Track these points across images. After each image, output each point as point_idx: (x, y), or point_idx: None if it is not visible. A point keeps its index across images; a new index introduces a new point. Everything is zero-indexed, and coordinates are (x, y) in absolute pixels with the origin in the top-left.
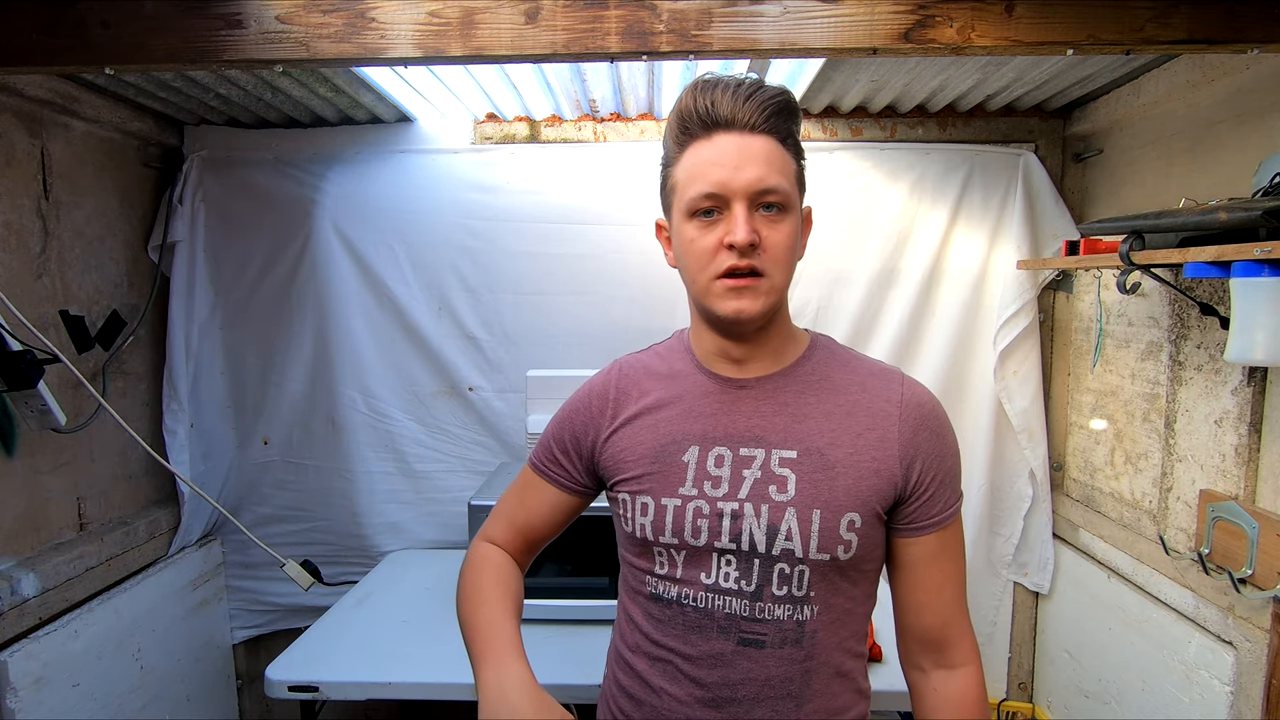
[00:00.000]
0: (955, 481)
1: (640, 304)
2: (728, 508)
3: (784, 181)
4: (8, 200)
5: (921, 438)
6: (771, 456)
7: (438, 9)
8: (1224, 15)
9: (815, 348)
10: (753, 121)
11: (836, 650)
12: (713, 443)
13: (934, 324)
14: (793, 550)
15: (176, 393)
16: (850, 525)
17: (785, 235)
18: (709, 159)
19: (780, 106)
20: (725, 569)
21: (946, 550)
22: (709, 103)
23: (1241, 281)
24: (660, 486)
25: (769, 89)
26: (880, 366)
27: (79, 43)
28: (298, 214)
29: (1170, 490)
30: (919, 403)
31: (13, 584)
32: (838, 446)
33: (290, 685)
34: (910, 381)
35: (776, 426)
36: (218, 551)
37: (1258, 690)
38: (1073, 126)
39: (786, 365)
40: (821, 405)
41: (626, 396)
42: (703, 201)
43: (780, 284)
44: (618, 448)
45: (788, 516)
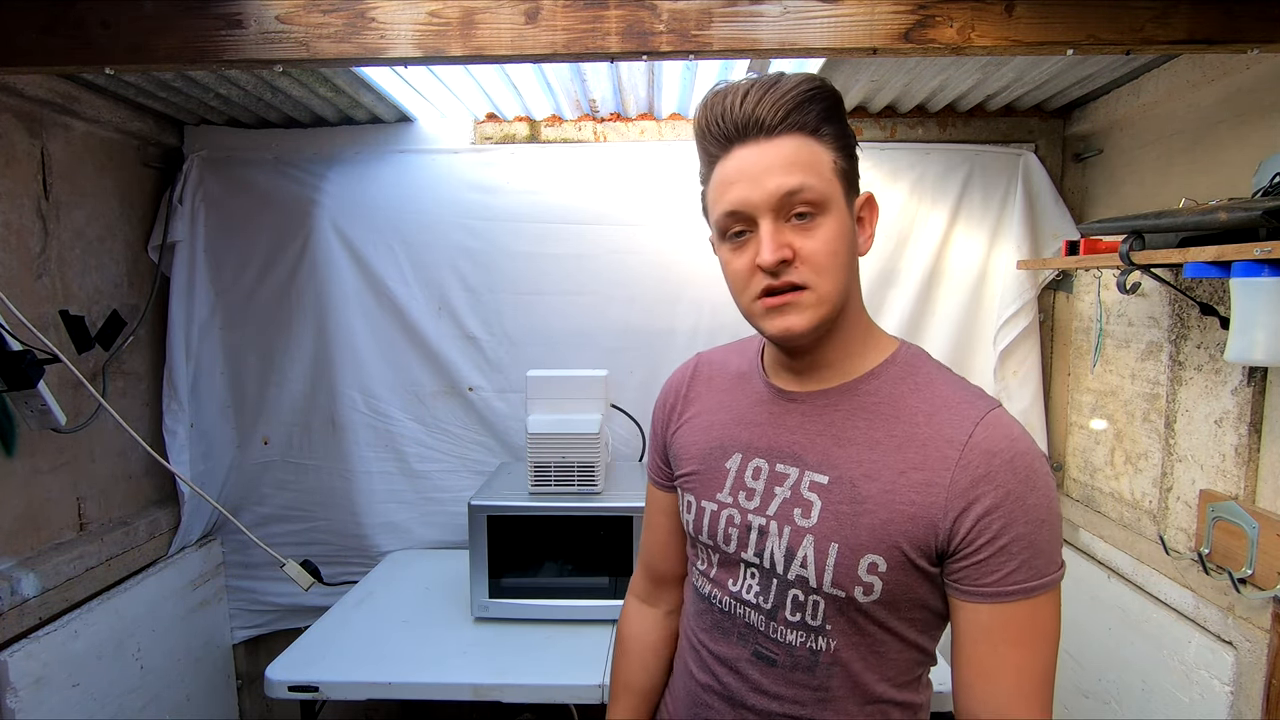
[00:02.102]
0: (1033, 555)
1: (640, 304)
2: (756, 521)
3: (812, 179)
4: (8, 200)
5: (983, 489)
6: (804, 478)
7: (438, 9)
8: (1224, 15)
9: (892, 363)
10: (769, 123)
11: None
12: (754, 453)
13: (934, 324)
14: (806, 579)
15: (176, 393)
16: (872, 568)
17: (825, 240)
18: (729, 177)
19: (802, 98)
20: (749, 580)
21: (1007, 632)
22: (719, 116)
23: (1241, 281)
24: (703, 488)
25: (786, 81)
26: (964, 398)
27: (79, 43)
28: (298, 214)
29: (1170, 490)
30: (991, 449)
31: (13, 584)
32: (874, 480)
33: (290, 685)
34: (994, 421)
35: (816, 447)
36: (218, 551)
37: (1258, 690)
38: (1073, 126)
39: (847, 381)
40: (871, 432)
41: (695, 392)
42: (728, 222)
43: (829, 292)
44: (680, 443)
45: (805, 543)
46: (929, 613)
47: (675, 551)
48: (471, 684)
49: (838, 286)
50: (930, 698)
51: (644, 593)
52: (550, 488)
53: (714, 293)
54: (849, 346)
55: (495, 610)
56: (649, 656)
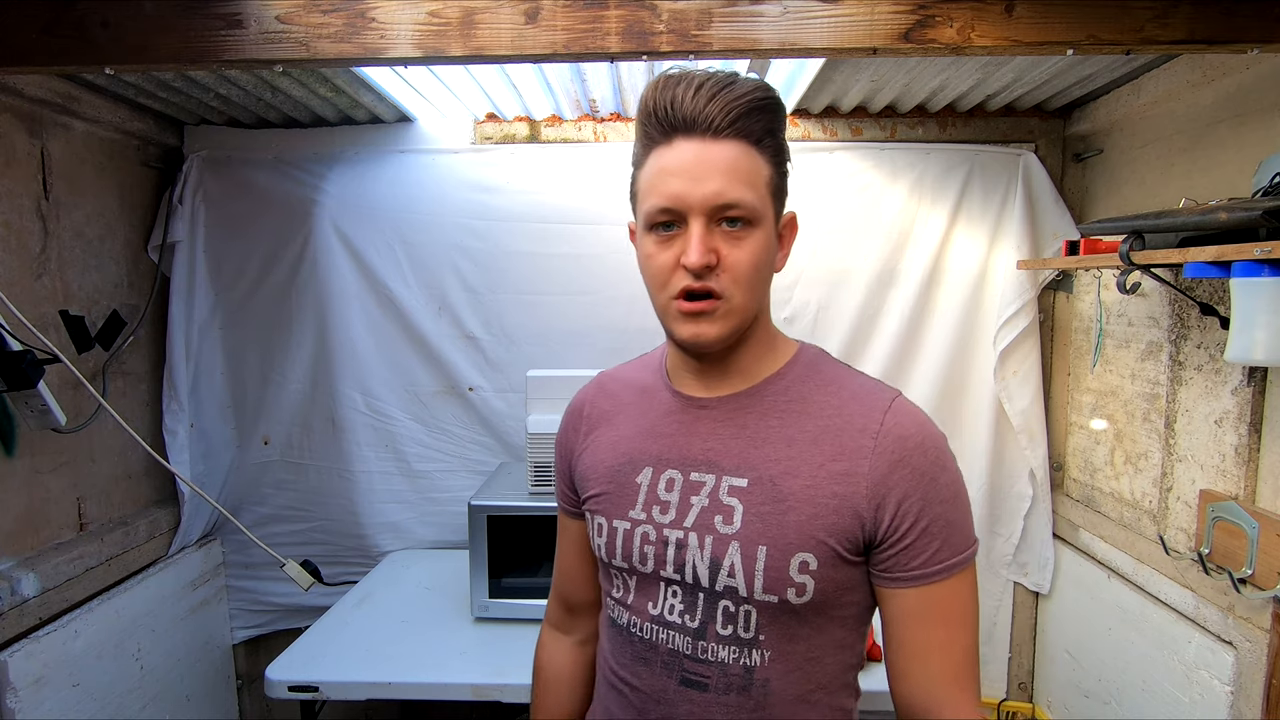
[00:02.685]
0: (950, 533)
1: (640, 304)
2: (673, 535)
3: (749, 194)
4: (8, 200)
5: (899, 475)
6: (721, 484)
7: (438, 9)
8: (1224, 15)
9: (796, 363)
10: (717, 124)
11: (796, 705)
12: (666, 465)
13: (934, 324)
14: (735, 588)
15: (176, 393)
16: (803, 567)
17: (749, 253)
18: (667, 168)
19: (752, 105)
20: (671, 600)
21: (935, 611)
22: (669, 102)
23: (1241, 281)
24: (613, 507)
25: (740, 85)
26: (869, 389)
27: (79, 43)
28: (298, 214)
29: (1170, 490)
30: (900, 435)
31: (13, 584)
32: (795, 476)
33: (290, 685)
34: (900, 408)
35: (732, 451)
36: (218, 551)
37: (1258, 690)
38: (1073, 126)
39: (755, 384)
40: (785, 430)
41: (598, 411)
42: (659, 215)
43: (743, 305)
44: (586, 464)
45: (731, 551)
46: (858, 608)
47: (586, 578)
48: (471, 684)
49: (753, 300)
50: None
51: (558, 620)
52: (550, 488)
53: None
54: (756, 351)
55: (495, 610)
56: (563, 687)
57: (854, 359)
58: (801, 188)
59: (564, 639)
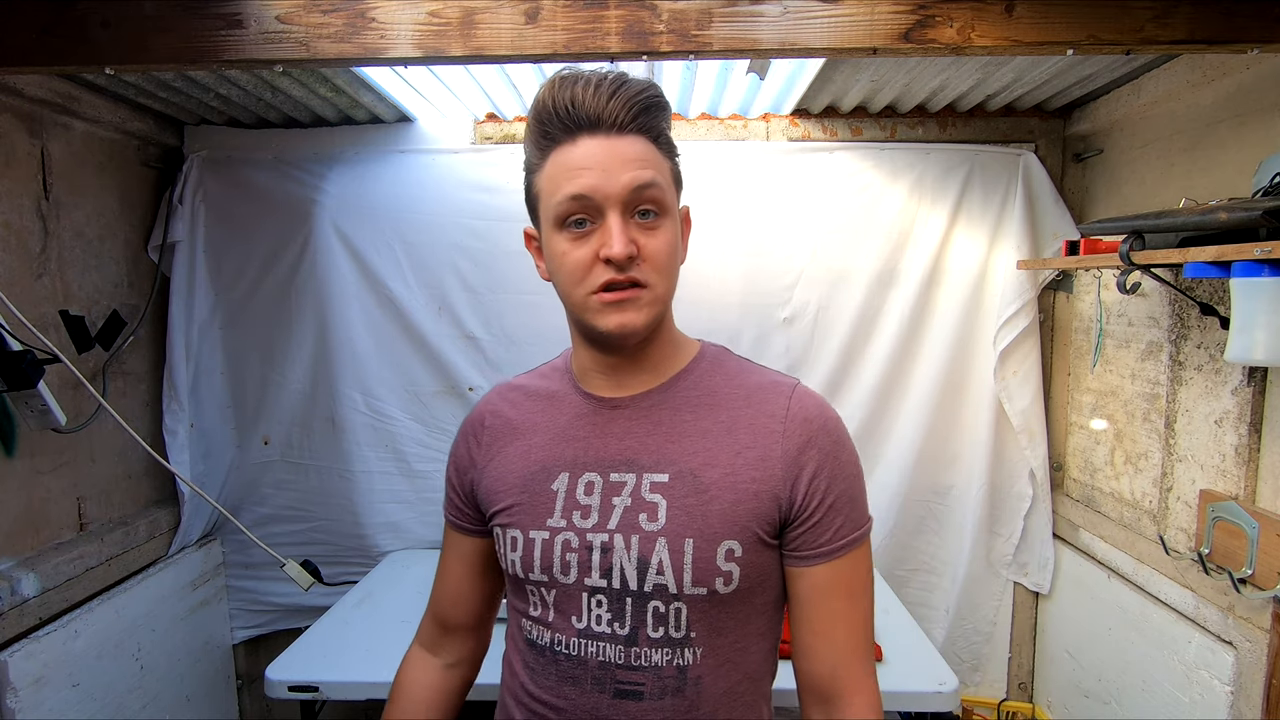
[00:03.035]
0: (851, 508)
1: None
2: (597, 539)
3: (660, 179)
4: (8, 200)
5: (808, 455)
6: (643, 481)
7: (438, 9)
8: (1224, 15)
9: (702, 359)
10: (620, 120)
11: (726, 699)
12: (583, 468)
13: (934, 324)
14: (665, 585)
15: (176, 393)
16: (729, 554)
17: (665, 242)
18: (575, 163)
19: (649, 102)
20: (597, 610)
21: (840, 585)
22: (569, 102)
23: (1241, 281)
24: (528, 518)
25: (634, 84)
26: (771, 378)
27: (79, 43)
28: (298, 214)
29: (1170, 490)
30: (806, 417)
31: (13, 584)
32: (714, 467)
33: (290, 685)
34: (802, 394)
35: (649, 448)
36: (218, 551)
37: (1258, 690)
38: (1073, 126)
39: (665, 380)
40: (699, 423)
41: (500, 422)
42: (572, 207)
43: (663, 293)
44: (493, 477)
45: (659, 547)
46: (774, 594)
47: (470, 599)
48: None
49: (670, 288)
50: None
51: (428, 640)
52: None
53: (713, 293)
54: (665, 348)
55: None
56: (421, 710)
57: (854, 359)
58: (801, 188)
59: (432, 660)
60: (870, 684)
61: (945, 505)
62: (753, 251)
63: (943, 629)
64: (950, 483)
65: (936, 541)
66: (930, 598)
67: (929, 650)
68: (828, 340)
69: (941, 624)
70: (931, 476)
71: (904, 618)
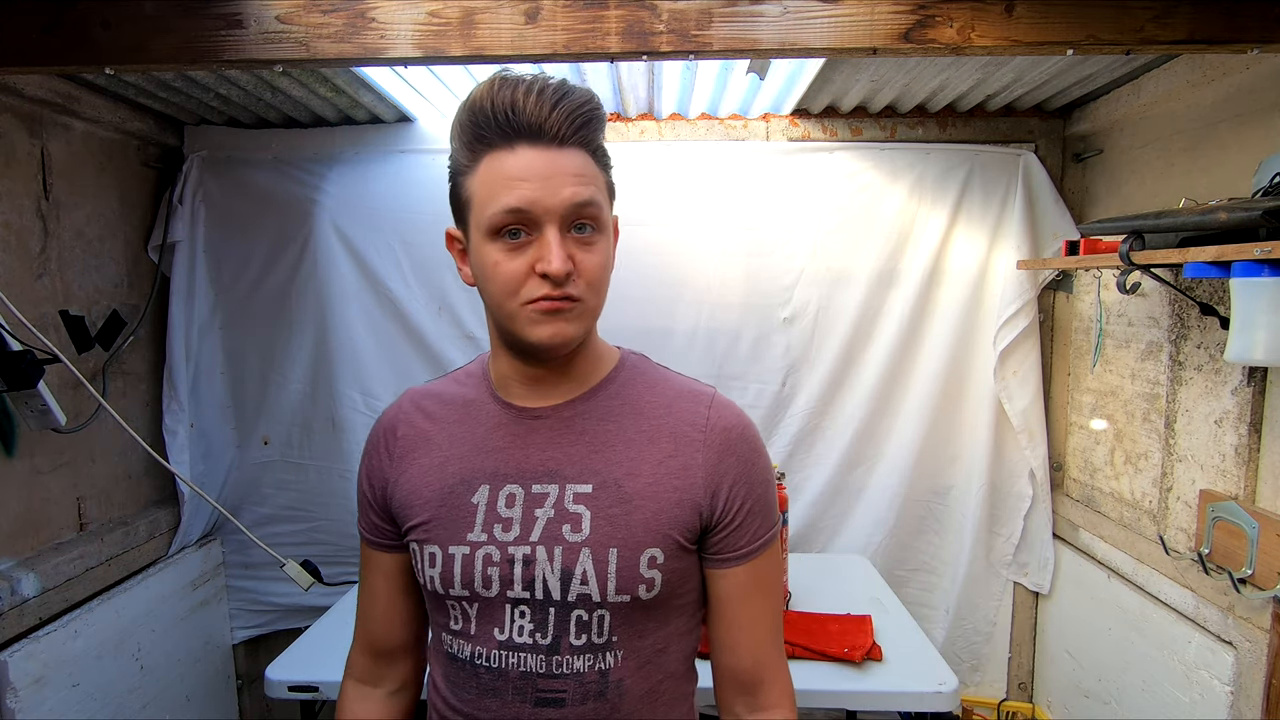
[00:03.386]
0: (767, 510)
1: (640, 304)
2: (519, 552)
3: (599, 198)
4: (8, 200)
5: (728, 463)
6: (566, 492)
7: (438, 9)
8: (1224, 15)
9: (622, 368)
10: (561, 133)
11: (648, 700)
12: (504, 480)
13: (934, 324)
14: (589, 594)
15: (176, 393)
16: (652, 562)
17: (601, 257)
18: (514, 174)
19: (590, 115)
20: (519, 621)
21: (758, 584)
22: (509, 108)
23: (1241, 281)
24: (448, 533)
25: (576, 95)
26: (690, 387)
27: (79, 43)
28: (298, 214)
29: (1170, 490)
30: (725, 426)
31: (13, 584)
32: (637, 476)
33: (290, 685)
34: (720, 403)
35: (572, 459)
36: (218, 551)
37: (1258, 690)
38: (1073, 126)
39: (587, 390)
40: (622, 432)
41: (413, 431)
42: (508, 219)
43: (596, 307)
44: (407, 490)
45: (582, 558)
46: (695, 594)
47: (400, 618)
48: None
49: (601, 302)
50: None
51: (363, 672)
52: None
53: (713, 294)
54: (589, 358)
55: None
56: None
57: (854, 359)
58: (802, 188)
59: (373, 692)
60: (784, 667)
61: (945, 505)
62: (753, 251)
63: (943, 629)
64: (950, 483)
65: (936, 541)
66: (930, 598)
67: (929, 650)
68: (828, 340)
69: (941, 624)
70: (931, 476)
71: (904, 618)
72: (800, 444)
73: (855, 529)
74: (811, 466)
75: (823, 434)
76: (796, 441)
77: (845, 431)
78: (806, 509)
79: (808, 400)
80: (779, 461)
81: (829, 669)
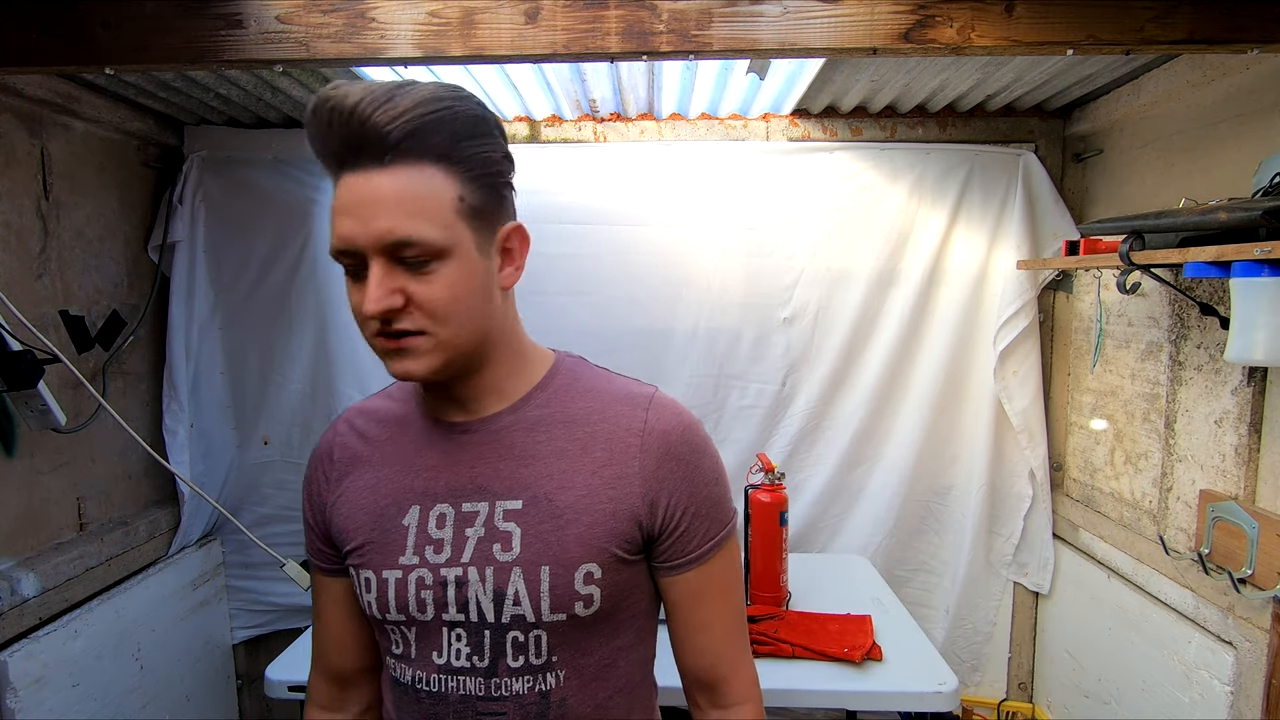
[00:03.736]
0: (716, 511)
1: (640, 304)
2: (451, 574)
3: (426, 228)
4: (8, 200)
5: (667, 469)
6: (496, 510)
7: (438, 9)
8: (1224, 15)
9: (556, 373)
10: (382, 148)
11: (595, 716)
12: (434, 500)
13: (934, 324)
14: (523, 615)
15: (176, 393)
16: (588, 578)
17: (443, 288)
18: (337, 206)
19: (425, 119)
20: (456, 645)
21: (712, 586)
22: (325, 126)
23: (1241, 281)
24: (380, 557)
25: (412, 94)
26: (629, 390)
27: (79, 43)
28: (298, 214)
29: (1170, 490)
30: (663, 429)
31: (13, 584)
32: (569, 489)
33: (290, 685)
34: (660, 404)
35: (500, 474)
36: (218, 551)
37: (1258, 690)
38: (1073, 126)
39: (515, 401)
40: (553, 443)
41: (349, 454)
42: (339, 259)
43: (450, 338)
44: (341, 514)
45: (514, 578)
46: (644, 604)
47: (357, 642)
48: None
49: (461, 331)
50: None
51: (327, 699)
52: None
53: (714, 294)
54: (505, 370)
55: None
56: None
57: (854, 359)
58: (802, 188)
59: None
60: (745, 661)
61: (945, 505)
62: (753, 251)
63: (943, 629)
64: (950, 483)
65: (936, 541)
66: (930, 598)
67: (929, 650)
68: (828, 340)
69: (941, 624)
70: (931, 476)
71: (904, 618)
72: (800, 444)
73: (855, 529)
74: (811, 466)
75: (823, 434)
76: (796, 441)
77: (845, 431)
78: (806, 509)
79: (808, 400)
80: (779, 461)
81: (829, 669)
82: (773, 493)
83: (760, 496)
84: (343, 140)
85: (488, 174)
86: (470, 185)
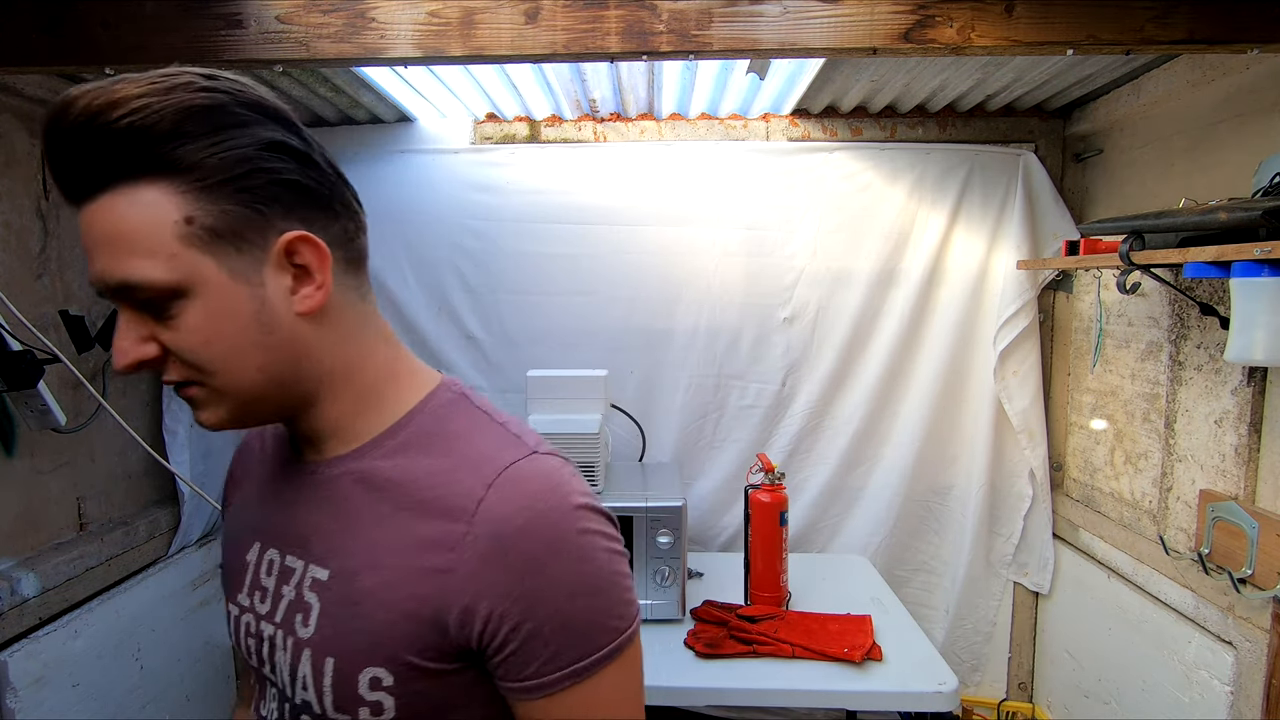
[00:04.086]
0: (574, 630)
1: (640, 304)
2: (267, 630)
3: (140, 266)
4: (8, 200)
5: (492, 571)
6: (307, 575)
7: (438, 9)
8: (1224, 15)
9: (418, 414)
10: (87, 179)
11: None
12: (270, 541)
13: (934, 324)
14: (310, 703)
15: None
16: (375, 684)
17: (193, 331)
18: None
19: (132, 127)
20: (271, 704)
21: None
22: (46, 160)
23: (1241, 281)
24: (230, 587)
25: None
26: (484, 451)
27: (79, 43)
28: None
29: (1170, 490)
30: (502, 516)
31: (13, 584)
32: (376, 571)
33: None
34: (513, 478)
35: (321, 532)
36: (218, 551)
37: (1258, 690)
38: (1073, 126)
39: (363, 443)
40: (380, 506)
41: (242, 467)
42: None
43: (227, 384)
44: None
45: (304, 659)
46: (483, 715)
47: None
48: None
49: (238, 376)
50: None
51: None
52: None
53: (714, 294)
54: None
55: None
56: None
57: (854, 359)
58: (802, 188)
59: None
60: None
61: (945, 505)
62: (753, 251)
63: (943, 629)
64: (950, 483)
65: (936, 541)
66: (930, 598)
67: (929, 650)
68: (828, 340)
69: (941, 624)
70: (931, 476)
71: (904, 618)
72: (800, 444)
73: (855, 529)
74: (811, 466)
75: (823, 434)
76: (796, 441)
77: (845, 431)
78: (806, 509)
79: (808, 400)
80: (779, 461)
81: (829, 669)
82: (773, 493)
83: (760, 496)
84: (59, 169)
85: (231, 179)
86: (203, 200)
